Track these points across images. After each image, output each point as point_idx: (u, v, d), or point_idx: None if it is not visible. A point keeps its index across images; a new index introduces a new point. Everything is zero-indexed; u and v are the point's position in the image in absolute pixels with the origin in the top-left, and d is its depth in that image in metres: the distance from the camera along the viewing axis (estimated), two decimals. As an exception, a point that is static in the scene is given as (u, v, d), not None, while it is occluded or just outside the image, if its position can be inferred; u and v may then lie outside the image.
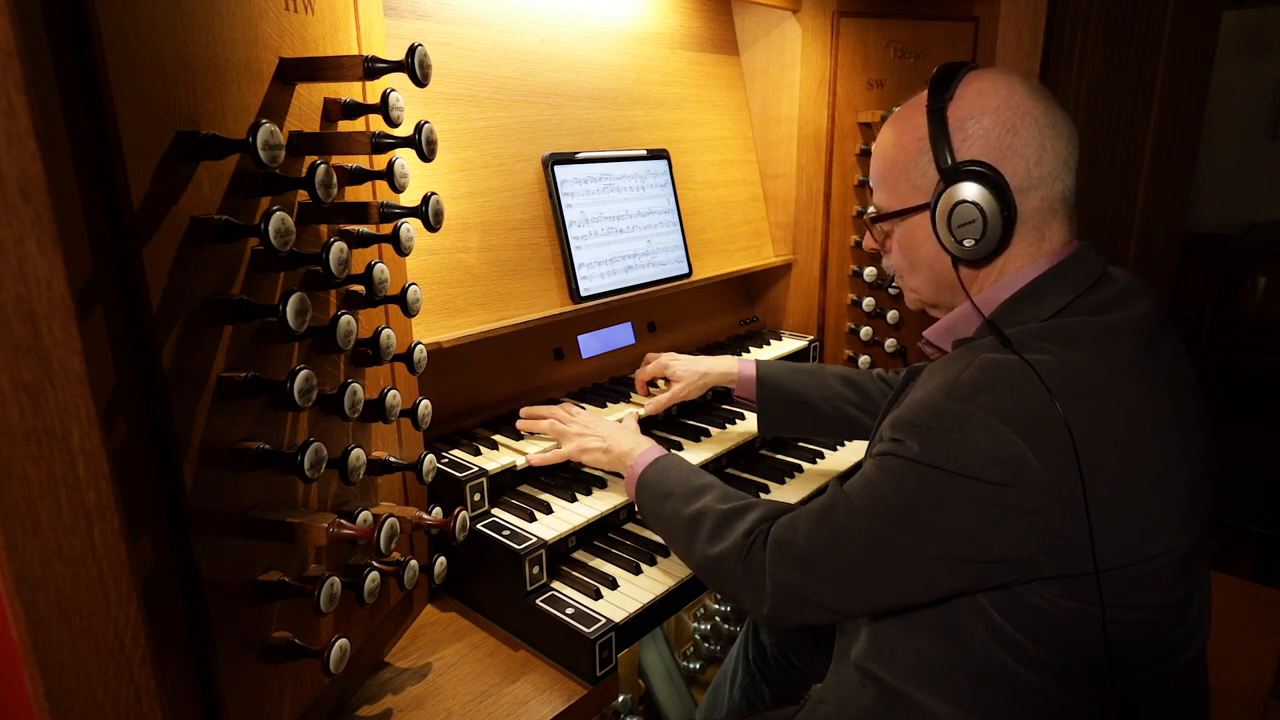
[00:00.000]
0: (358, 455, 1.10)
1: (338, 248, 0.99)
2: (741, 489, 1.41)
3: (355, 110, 1.14)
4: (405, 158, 1.18)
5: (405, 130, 1.14)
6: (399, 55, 1.07)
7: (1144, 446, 0.96)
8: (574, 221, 1.77)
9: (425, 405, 1.29)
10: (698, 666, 2.37)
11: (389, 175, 1.15)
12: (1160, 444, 0.97)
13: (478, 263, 1.60)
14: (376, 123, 1.20)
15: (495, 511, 1.47)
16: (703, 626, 2.44)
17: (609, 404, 1.77)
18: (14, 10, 0.59)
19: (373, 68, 1.05)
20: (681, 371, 1.74)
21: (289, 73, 1.01)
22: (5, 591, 0.65)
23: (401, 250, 1.18)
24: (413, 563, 1.19)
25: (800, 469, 1.83)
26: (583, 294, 1.76)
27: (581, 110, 1.84)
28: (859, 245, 2.32)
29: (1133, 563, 0.95)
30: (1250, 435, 4.52)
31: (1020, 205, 1.05)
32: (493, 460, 1.50)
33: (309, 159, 1.02)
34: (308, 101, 1.07)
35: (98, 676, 0.71)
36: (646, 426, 1.82)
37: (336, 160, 1.13)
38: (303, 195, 1.03)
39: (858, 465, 1.91)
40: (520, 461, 1.52)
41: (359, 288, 1.16)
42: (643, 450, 1.45)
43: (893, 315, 2.32)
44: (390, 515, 1.07)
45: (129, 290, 0.80)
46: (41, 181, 0.62)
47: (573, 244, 1.75)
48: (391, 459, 1.23)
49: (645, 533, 1.60)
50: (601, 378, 1.93)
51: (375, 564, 1.13)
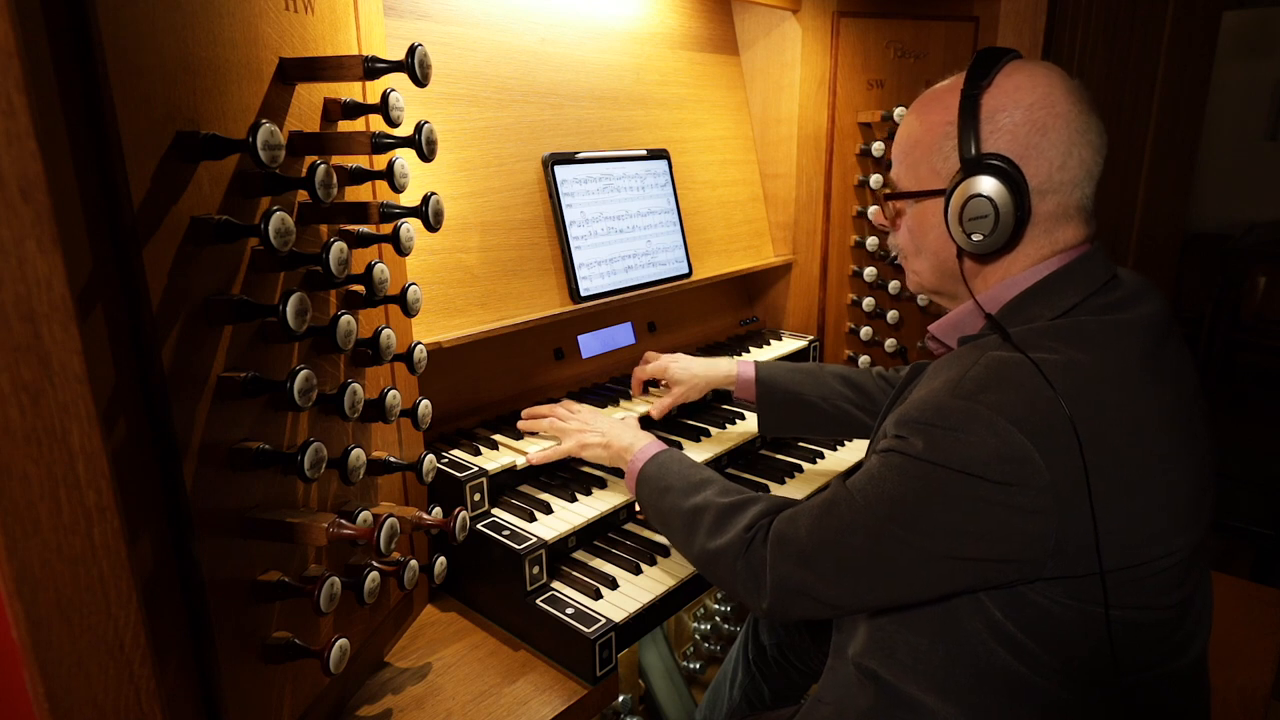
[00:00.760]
0: (358, 455, 1.10)
1: (338, 248, 0.99)
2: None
3: (355, 110, 1.14)
4: (405, 158, 1.18)
5: (405, 130, 1.14)
6: (399, 55, 1.07)
7: (1150, 448, 0.95)
8: (574, 221, 1.77)
9: (425, 405, 1.29)
10: (698, 666, 2.37)
11: (389, 175, 1.15)
12: (1166, 446, 0.97)
13: (478, 263, 1.60)
14: (376, 123, 1.20)
15: (495, 511, 1.47)
16: (703, 626, 2.44)
17: (609, 404, 1.77)
18: (14, 10, 0.59)
19: (373, 68, 1.05)
20: (680, 374, 1.73)
21: (289, 73, 1.01)
22: (5, 591, 0.65)
23: (401, 250, 1.18)
24: (413, 563, 1.19)
25: (800, 469, 1.83)
26: (583, 294, 1.76)
27: (582, 110, 1.84)
28: (859, 245, 2.33)
29: (1135, 564, 0.95)
30: (1250, 435, 4.52)
31: (1035, 207, 1.04)
32: (493, 460, 1.50)
33: (309, 159, 1.02)
34: (308, 101, 1.07)
35: (98, 676, 0.71)
36: (645, 427, 1.81)
37: (336, 160, 1.13)
38: (303, 195, 1.03)
39: (858, 465, 1.91)
40: (520, 461, 1.52)
41: (359, 288, 1.16)
42: (643, 445, 1.44)
43: (893, 315, 2.32)
44: (390, 515, 1.07)
45: (129, 290, 0.80)
46: (41, 181, 0.62)
47: (573, 244, 1.75)
48: (391, 459, 1.23)
49: (645, 533, 1.60)
50: (601, 378, 1.93)
51: (375, 564, 1.13)
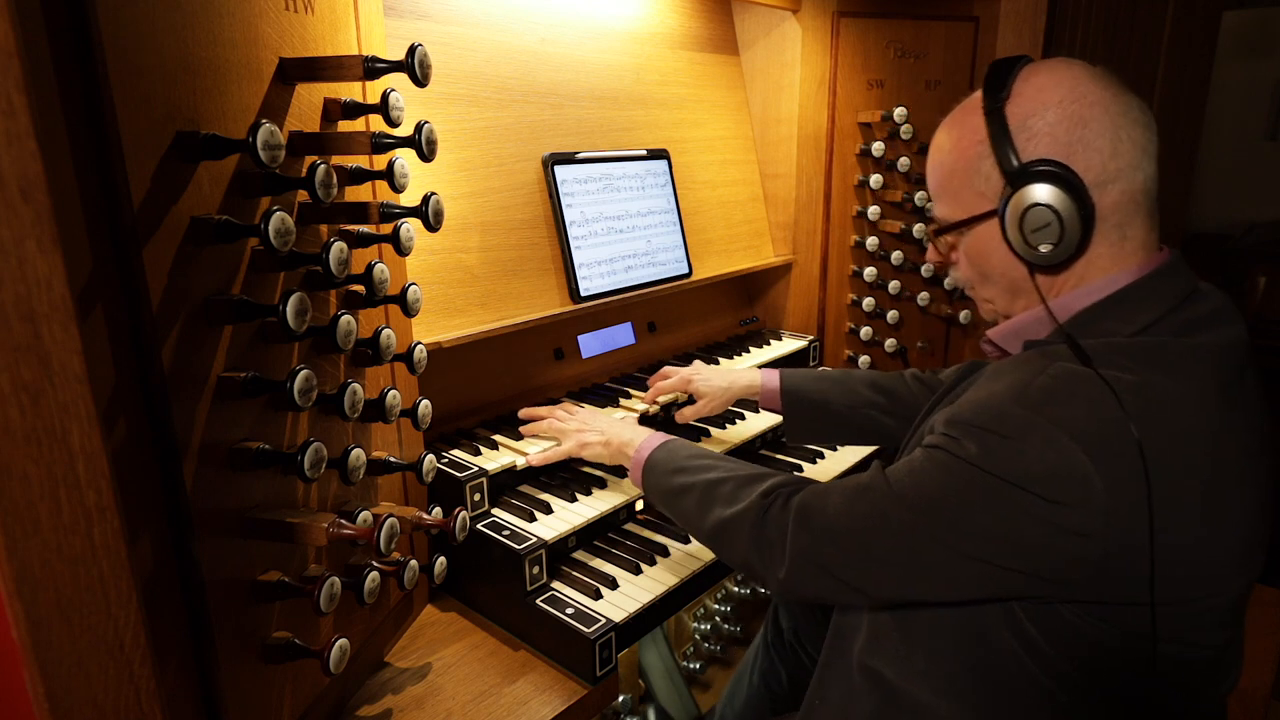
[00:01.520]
0: (358, 455, 1.10)
1: (338, 248, 0.99)
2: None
3: (355, 110, 1.14)
4: (405, 158, 1.18)
5: (405, 130, 1.14)
6: (399, 55, 1.07)
7: (1217, 484, 0.90)
8: (574, 221, 1.77)
9: (425, 405, 1.29)
10: (698, 666, 2.37)
11: (389, 175, 1.15)
12: (1234, 484, 0.92)
13: (478, 263, 1.60)
14: (376, 123, 1.20)
15: (495, 511, 1.47)
16: (703, 626, 2.44)
17: (609, 404, 1.77)
18: (14, 10, 0.59)
19: (373, 68, 1.05)
20: (706, 389, 1.70)
21: (289, 73, 1.01)
22: (5, 591, 0.65)
23: (401, 250, 1.18)
24: (413, 563, 1.19)
25: (800, 469, 1.83)
26: (583, 294, 1.76)
27: (582, 110, 1.84)
28: (859, 245, 2.33)
29: (1185, 599, 0.91)
30: (1250, 435, 4.50)
31: (1098, 202, 0.98)
32: (493, 460, 1.50)
33: (309, 159, 1.02)
34: (308, 101, 1.07)
35: (98, 676, 0.71)
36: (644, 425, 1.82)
37: (336, 160, 1.13)
38: (303, 195, 1.03)
39: (859, 465, 1.91)
40: (520, 461, 1.51)
41: (359, 288, 1.16)
42: (646, 437, 1.42)
43: (893, 315, 2.32)
44: (390, 515, 1.07)
45: (129, 290, 0.80)
46: (41, 181, 0.62)
47: (573, 244, 1.75)
48: (391, 459, 1.23)
49: (645, 533, 1.60)
50: (602, 378, 1.93)
51: (375, 564, 1.13)
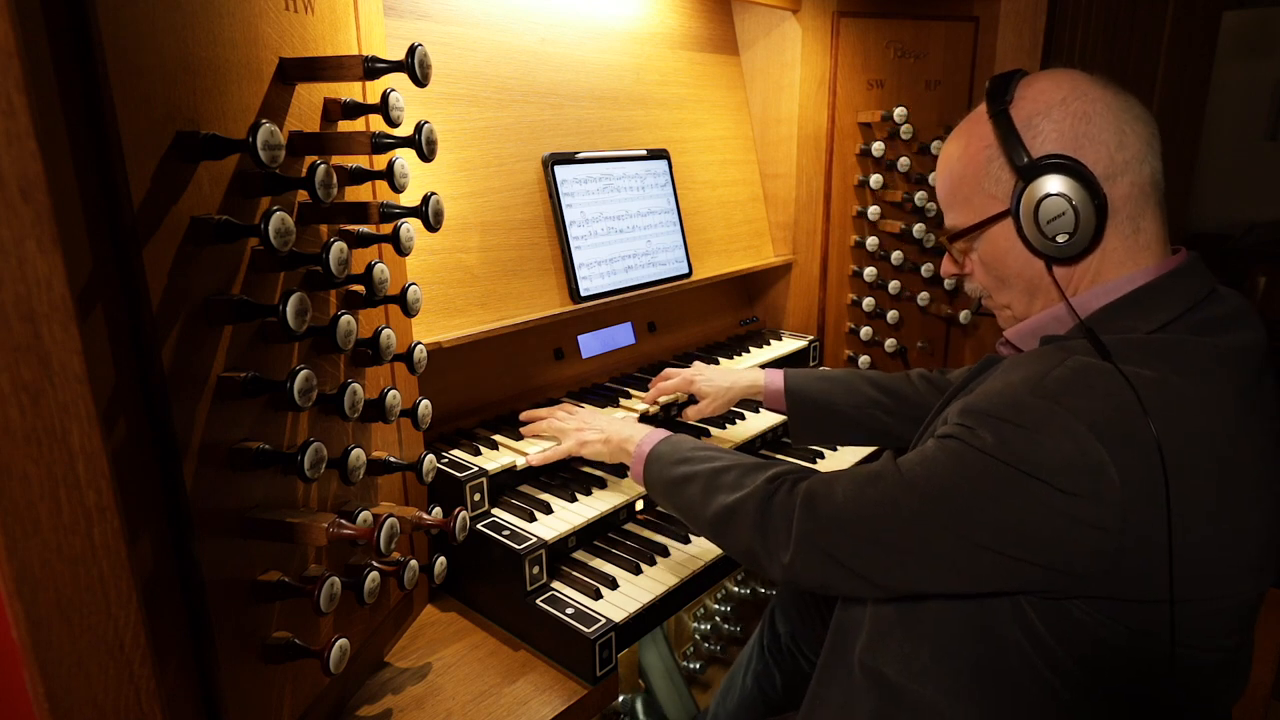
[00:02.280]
0: (358, 455, 1.10)
1: (338, 248, 0.99)
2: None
3: (355, 110, 1.14)
4: (405, 158, 1.18)
5: (405, 130, 1.14)
6: (399, 55, 1.07)
7: (1234, 485, 0.90)
8: (574, 221, 1.77)
9: (425, 405, 1.29)
10: (698, 666, 2.37)
11: (389, 175, 1.15)
12: (1251, 486, 0.91)
13: (478, 263, 1.60)
14: (376, 123, 1.20)
15: (495, 511, 1.47)
16: (703, 626, 2.44)
17: (609, 404, 1.77)
18: (14, 10, 0.59)
19: (373, 68, 1.05)
20: (708, 389, 1.70)
21: (289, 73, 1.01)
22: (5, 591, 0.65)
23: (401, 250, 1.18)
24: (413, 563, 1.19)
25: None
26: (583, 294, 1.76)
27: (581, 110, 1.84)
28: (859, 245, 2.33)
29: (1195, 600, 0.90)
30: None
31: (1110, 193, 0.99)
32: (493, 460, 1.50)
33: (309, 159, 1.02)
34: (308, 101, 1.07)
35: (98, 676, 0.71)
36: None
37: (336, 160, 1.13)
38: (303, 195, 1.03)
39: (860, 464, 1.91)
40: (520, 461, 1.51)
41: (359, 288, 1.16)
42: (646, 433, 1.41)
43: (893, 315, 2.32)
44: (390, 515, 1.07)
45: (129, 290, 0.80)
46: (41, 181, 0.62)
47: (573, 244, 1.75)
48: (391, 459, 1.23)
49: (645, 533, 1.60)
50: (601, 378, 1.93)
51: (375, 564, 1.13)
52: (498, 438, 1.59)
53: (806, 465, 1.18)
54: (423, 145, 1.14)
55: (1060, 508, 0.88)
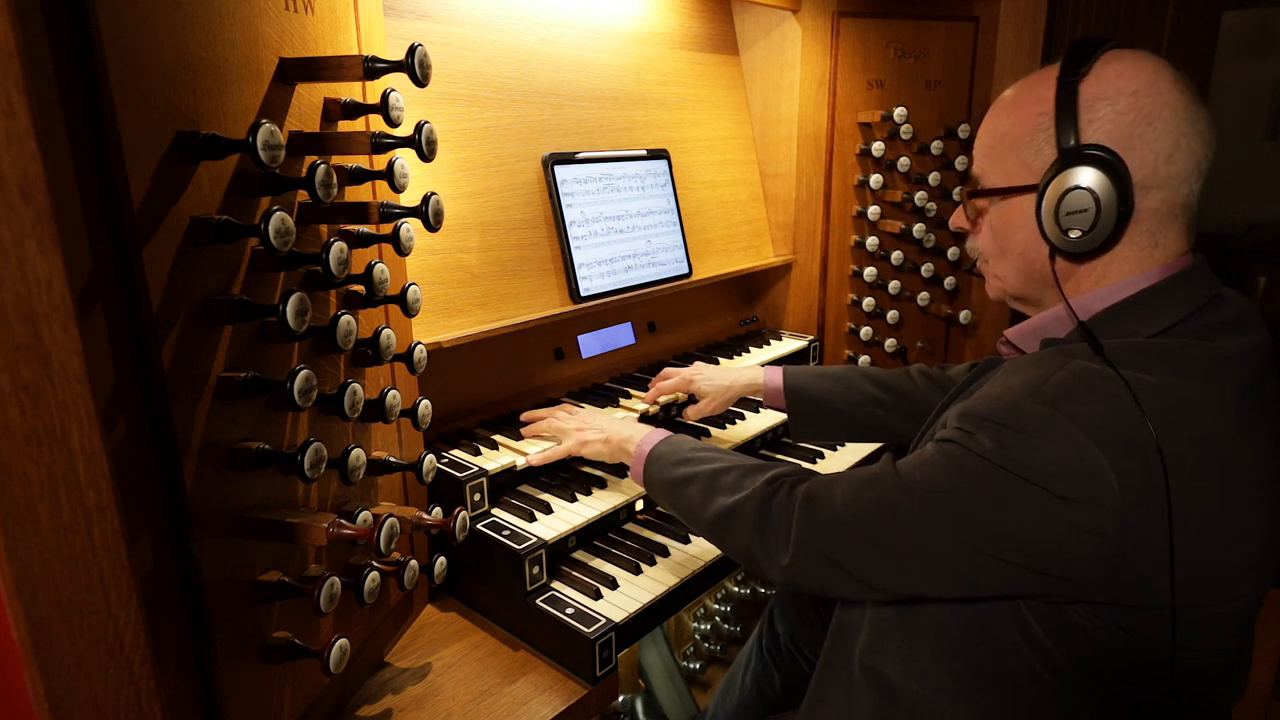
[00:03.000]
0: (358, 455, 1.10)
1: (338, 248, 0.99)
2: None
3: (355, 110, 1.14)
4: (405, 158, 1.18)
5: (405, 130, 1.14)
6: (399, 55, 1.07)
7: (1235, 487, 0.90)
8: (574, 221, 1.77)
9: (425, 405, 1.29)
10: (698, 666, 2.37)
11: (389, 175, 1.15)
12: (1252, 488, 0.91)
13: (478, 263, 1.60)
14: (376, 123, 1.20)
15: (495, 511, 1.47)
16: (703, 626, 2.44)
17: (609, 404, 1.77)
18: (14, 10, 0.59)
19: (373, 68, 1.05)
20: (707, 388, 1.70)
21: (289, 73, 1.01)
22: (5, 591, 0.65)
23: (401, 250, 1.18)
24: (413, 563, 1.19)
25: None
26: (583, 294, 1.76)
27: (581, 110, 1.84)
28: (859, 245, 2.33)
29: (1195, 605, 0.90)
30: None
31: (1139, 203, 0.97)
32: (493, 460, 1.50)
33: (309, 159, 1.02)
34: (308, 101, 1.07)
35: (98, 676, 0.71)
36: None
37: (336, 160, 1.13)
38: (303, 195, 1.03)
39: (860, 464, 1.91)
40: (520, 461, 1.51)
41: (359, 288, 1.16)
42: (646, 434, 1.41)
43: (893, 315, 2.32)
44: (390, 515, 1.07)
45: (129, 290, 0.80)
46: (41, 181, 0.62)
47: (573, 244, 1.75)
48: (391, 459, 1.23)
49: (645, 533, 1.60)
50: (601, 378, 1.93)
51: (375, 564, 1.13)
52: (498, 438, 1.59)
53: (807, 466, 1.17)
54: (423, 145, 1.14)
55: (1059, 514, 0.87)
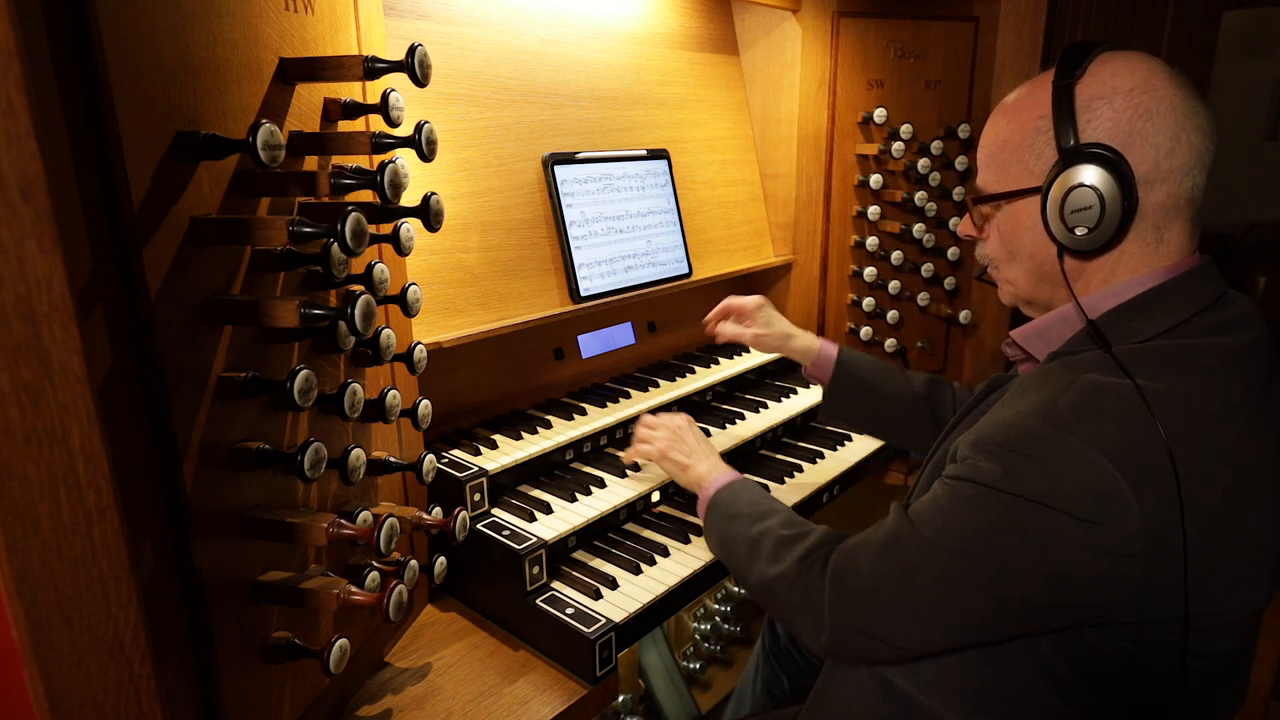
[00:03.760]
0: (358, 455, 1.10)
1: (338, 247, 0.99)
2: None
3: (355, 110, 1.14)
4: (405, 158, 1.17)
5: (405, 130, 1.14)
6: (399, 55, 1.07)
7: (1246, 492, 0.89)
8: (574, 221, 1.77)
9: (425, 405, 1.29)
10: (698, 666, 2.37)
11: (380, 174, 1.14)
12: (1262, 490, 0.91)
13: (478, 263, 1.60)
14: (376, 123, 1.20)
15: (495, 511, 1.47)
16: (703, 626, 2.44)
17: (609, 403, 1.77)
18: (14, 10, 0.59)
19: (373, 68, 1.05)
20: (764, 322, 1.71)
21: (289, 73, 1.01)
22: (5, 591, 0.65)
23: (401, 250, 1.18)
24: (413, 563, 1.18)
25: (800, 469, 1.83)
26: (583, 294, 1.76)
27: (582, 110, 1.84)
28: (859, 245, 2.32)
29: (1208, 614, 0.90)
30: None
31: (1143, 198, 0.97)
32: (493, 460, 1.50)
33: (309, 159, 1.02)
34: (308, 101, 1.07)
35: (98, 676, 0.71)
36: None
37: (337, 160, 1.13)
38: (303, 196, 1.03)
39: (861, 465, 1.91)
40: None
41: (359, 288, 1.15)
42: (718, 474, 1.42)
43: (893, 315, 2.32)
44: (390, 515, 1.07)
45: (129, 290, 0.80)
46: (41, 181, 0.62)
47: (573, 244, 1.75)
48: (391, 459, 1.23)
49: (646, 533, 1.60)
50: (601, 377, 1.93)
51: (375, 564, 1.13)
52: (498, 438, 1.59)
53: (835, 532, 1.19)
54: (423, 145, 1.14)
55: (1082, 539, 0.87)
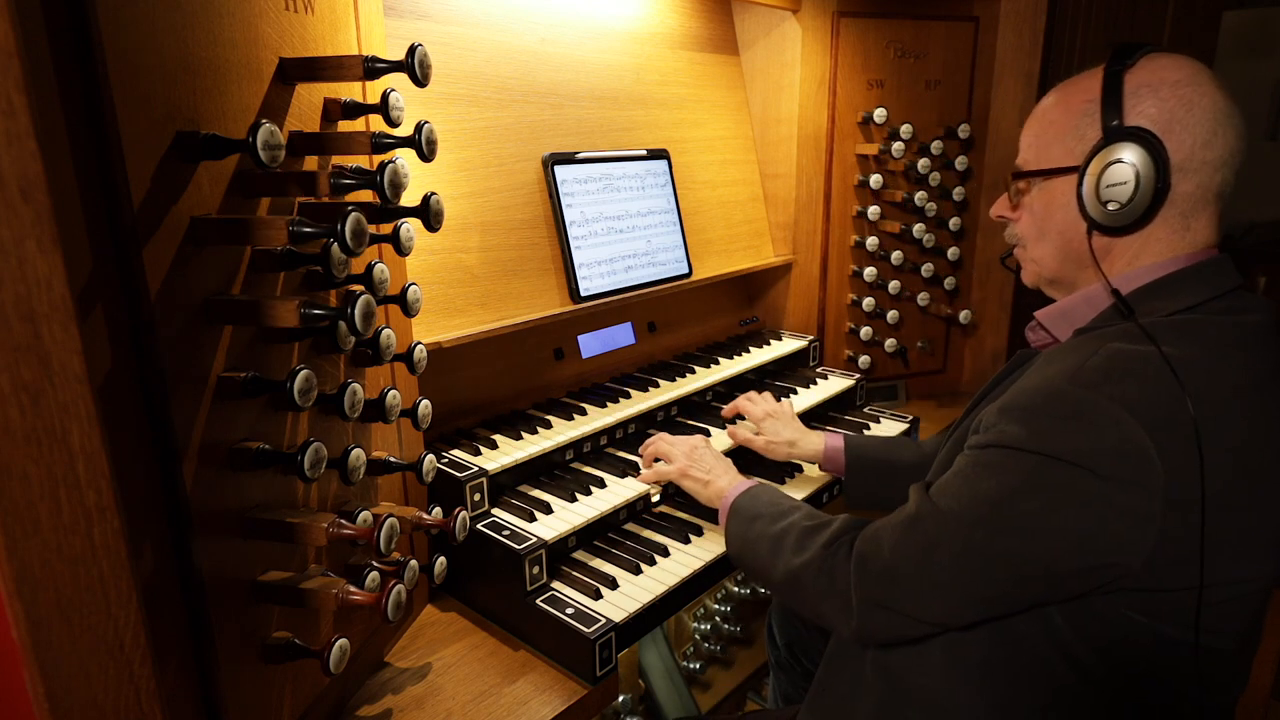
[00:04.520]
0: (358, 455, 1.10)
1: (338, 247, 0.99)
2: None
3: (355, 110, 1.14)
4: (405, 158, 1.17)
5: (405, 130, 1.14)
6: (399, 55, 1.07)
7: (1263, 463, 0.91)
8: (574, 221, 1.77)
9: (425, 405, 1.29)
10: (698, 666, 2.37)
11: (380, 174, 1.14)
12: (1270, 462, 0.93)
13: (478, 263, 1.60)
14: (376, 123, 1.20)
15: (495, 511, 1.47)
16: (703, 626, 2.44)
17: (608, 403, 1.77)
18: (14, 10, 0.59)
19: (373, 68, 1.05)
20: (772, 437, 1.70)
21: (289, 73, 1.01)
22: (5, 591, 0.65)
23: (401, 250, 1.18)
24: (413, 563, 1.18)
25: (800, 469, 1.83)
26: (583, 294, 1.76)
27: (582, 110, 1.84)
28: (859, 245, 2.32)
29: (1220, 584, 0.91)
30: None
31: (1175, 185, 1.01)
32: (493, 460, 1.50)
33: (309, 159, 1.02)
34: (308, 101, 1.07)
35: (98, 676, 0.71)
36: (645, 426, 1.82)
37: (337, 160, 1.13)
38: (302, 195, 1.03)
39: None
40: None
41: (359, 288, 1.15)
42: (734, 485, 1.44)
43: (893, 315, 2.32)
44: (390, 515, 1.07)
45: (129, 290, 0.80)
46: (41, 181, 0.62)
47: (573, 244, 1.75)
48: (391, 459, 1.23)
49: (646, 533, 1.60)
50: (601, 377, 1.93)
51: (375, 564, 1.13)
52: (498, 438, 1.59)
53: (859, 519, 1.20)
54: (423, 145, 1.14)
55: (1106, 497, 0.88)
